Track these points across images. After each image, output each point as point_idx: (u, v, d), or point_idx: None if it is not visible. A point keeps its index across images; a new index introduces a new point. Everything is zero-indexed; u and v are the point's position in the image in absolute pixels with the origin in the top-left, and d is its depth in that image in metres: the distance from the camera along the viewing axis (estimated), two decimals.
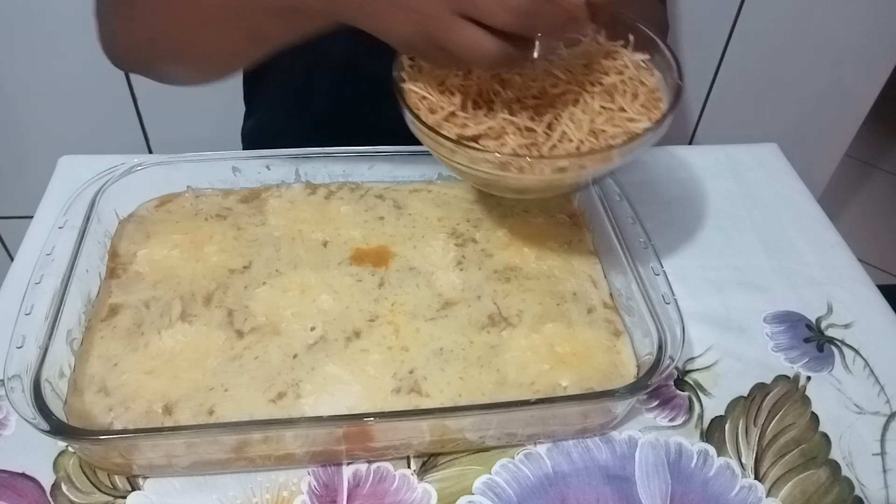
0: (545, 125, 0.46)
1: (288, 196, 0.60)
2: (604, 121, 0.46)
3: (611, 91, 0.47)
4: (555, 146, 0.45)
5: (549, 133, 0.45)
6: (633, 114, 0.46)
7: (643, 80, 0.48)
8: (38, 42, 1.00)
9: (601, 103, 0.46)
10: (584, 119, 0.46)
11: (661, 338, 0.46)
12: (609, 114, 0.46)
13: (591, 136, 0.45)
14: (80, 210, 0.52)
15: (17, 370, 0.42)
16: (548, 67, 0.48)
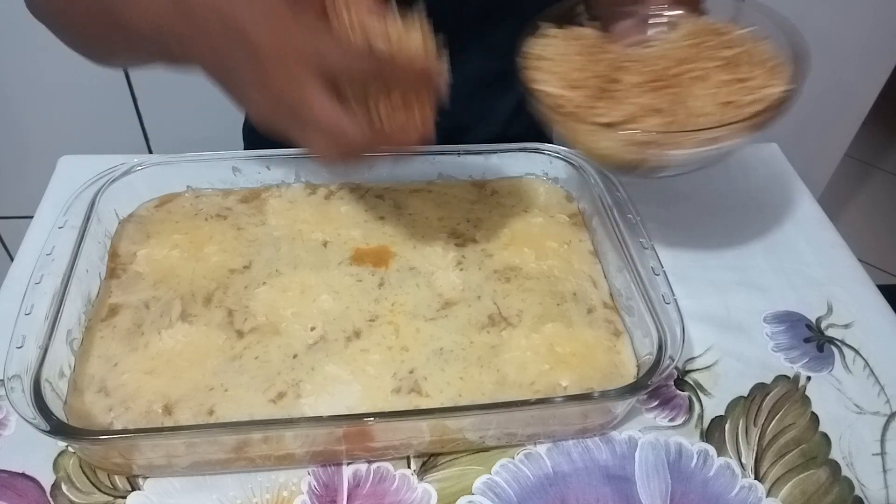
0: (676, 104, 0.46)
1: (288, 196, 0.60)
2: (731, 92, 0.46)
3: (732, 64, 0.47)
4: (686, 123, 0.45)
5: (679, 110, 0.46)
6: (762, 80, 0.46)
7: (759, 49, 0.48)
8: (39, 42, 0.99)
9: (725, 76, 0.46)
10: (710, 93, 0.46)
11: (661, 338, 0.46)
12: (736, 85, 0.46)
13: (723, 107, 0.45)
14: (80, 210, 0.52)
15: (17, 370, 0.42)
16: (660, 52, 0.49)
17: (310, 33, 0.38)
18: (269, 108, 0.39)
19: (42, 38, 1.04)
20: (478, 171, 0.62)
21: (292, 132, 0.39)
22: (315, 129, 0.38)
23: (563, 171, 0.61)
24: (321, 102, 0.38)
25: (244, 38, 0.38)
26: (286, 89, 0.38)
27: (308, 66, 0.37)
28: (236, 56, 0.39)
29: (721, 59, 0.47)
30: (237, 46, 0.38)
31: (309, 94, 0.38)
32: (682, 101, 0.46)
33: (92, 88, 1.04)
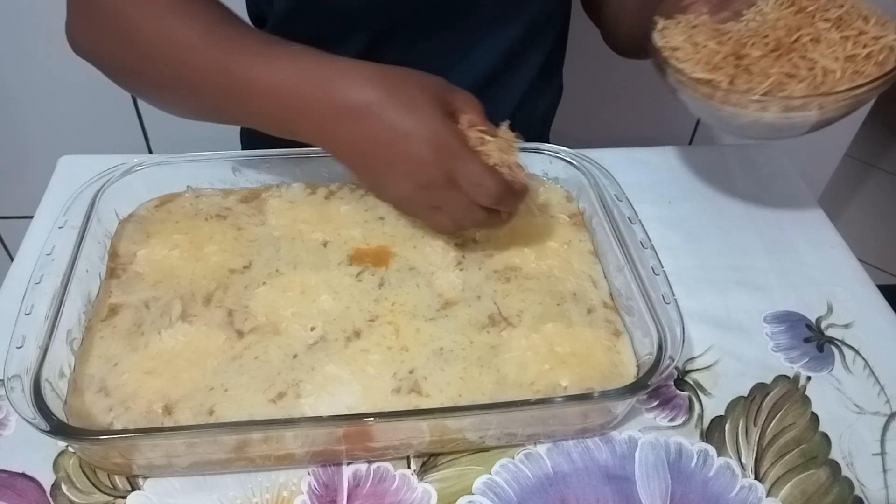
0: (805, 68, 0.50)
1: (288, 196, 0.60)
2: (851, 47, 0.50)
3: (839, 23, 0.51)
4: (822, 82, 0.49)
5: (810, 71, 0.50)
6: (876, 32, 0.50)
7: (858, 4, 0.52)
8: (39, 42, 1.00)
9: (836, 34, 0.50)
10: (831, 52, 0.50)
11: (661, 338, 0.46)
12: (850, 41, 0.50)
13: (848, 62, 0.49)
14: (80, 210, 0.52)
15: (17, 370, 0.42)
16: (766, 24, 0.52)
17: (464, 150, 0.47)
18: (405, 201, 0.51)
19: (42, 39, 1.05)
20: None
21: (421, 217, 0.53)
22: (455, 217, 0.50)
23: (562, 171, 0.61)
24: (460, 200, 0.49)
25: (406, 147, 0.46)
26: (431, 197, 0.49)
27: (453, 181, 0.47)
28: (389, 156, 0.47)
29: (828, 20, 0.51)
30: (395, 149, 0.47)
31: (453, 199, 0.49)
32: (808, 63, 0.50)
33: (92, 88, 1.04)
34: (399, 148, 0.46)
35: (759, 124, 0.52)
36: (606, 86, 1.05)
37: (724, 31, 0.54)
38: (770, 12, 0.53)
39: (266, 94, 0.47)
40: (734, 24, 0.54)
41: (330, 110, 0.47)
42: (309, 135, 0.49)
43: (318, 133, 0.48)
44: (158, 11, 0.49)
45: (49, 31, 0.98)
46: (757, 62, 0.51)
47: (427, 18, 0.62)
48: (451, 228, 0.52)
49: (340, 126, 0.47)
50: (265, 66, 0.47)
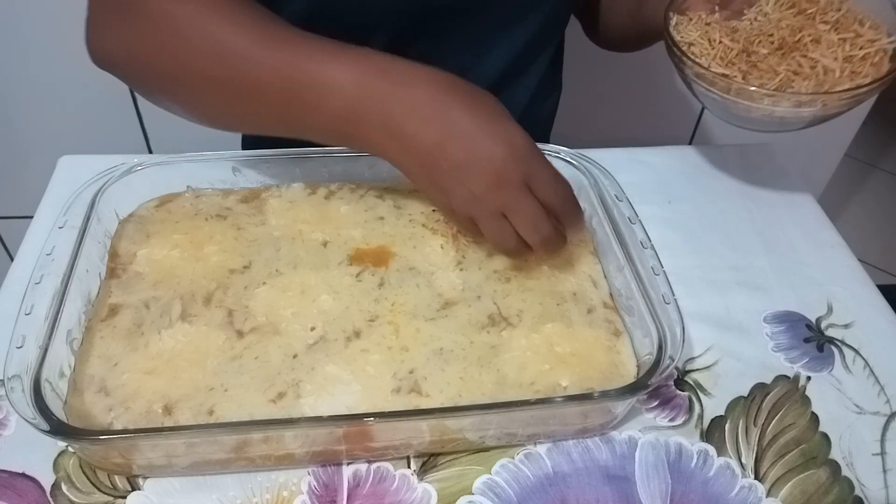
0: (807, 66, 0.53)
1: (288, 196, 0.60)
2: (848, 48, 0.53)
3: (837, 24, 0.55)
4: (824, 80, 0.53)
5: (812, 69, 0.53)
6: (871, 35, 0.54)
7: (853, 8, 0.56)
8: (39, 42, 1.00)
9: (836, 36, 0.54)
10: (831, 52, 0.53)
11: (661, 338, 0.46)
12: (849, 42, 0.53)
13: (847, 62, 0.53)
14: (79, 210, 0.52)
15: (17, 370, 0.42)
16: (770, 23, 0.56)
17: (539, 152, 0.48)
18: (480, 197, 0.48)
19: (42, 38, 1.05)
20: None
21: (482, 225, 0.49)
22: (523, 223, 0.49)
23: (563, 171, 0.61)
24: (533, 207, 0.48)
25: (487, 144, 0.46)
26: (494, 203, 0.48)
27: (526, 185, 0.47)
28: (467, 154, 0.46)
29: (827, 22, 0.55)
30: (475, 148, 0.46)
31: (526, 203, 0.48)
32: (810, 62, 0.53)
33: (92, 88, 1.04)
34: (478, 146, 0.46)
35: (769, 118, 0.55)
36: (606, 86, 1.05)
37: (735, 28, 0.56)
38: (771, 13, 0.56)
39: (332, 91, 0.46)
40: (739, 22, 0.57)
41: (405, 107, 0.46)
42: (375, 134, 0.47)
43: (386, 132, 0.47)
44: (206, 8, 0.48)
45: (49, 30, 0.98)
46: (764, 59, 0.54)
47: (444, 20, 0.62)
48: (515, 241, 0.49)
49: (415, 124, 0.46)
50: (332, 63, 0.46)
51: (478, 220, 0.49)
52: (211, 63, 0.47)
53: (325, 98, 0.46)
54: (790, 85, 0.53)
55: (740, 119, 0.57)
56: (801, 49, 0.54)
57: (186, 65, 0.48)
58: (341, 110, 0.47)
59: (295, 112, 0.48)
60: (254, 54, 0.47)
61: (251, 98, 0.48)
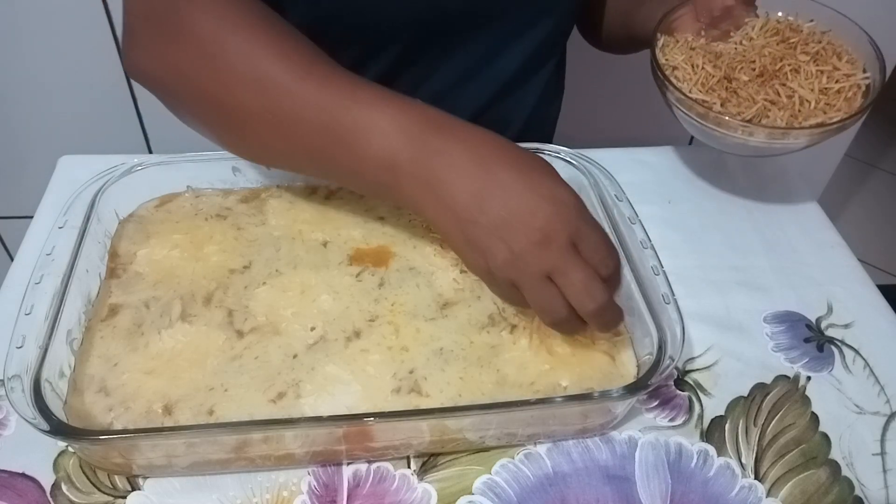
0: (785, 96, 0.55)
1: (288, 196, 0.60)
2: (826, 80, 0.55)
3: (817, 56, 0.56)
4: (799, 111, 0.54)
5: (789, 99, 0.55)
6: (847, 69, 0.56)
7: (834, 41, 0.58)
8: (39, 42, 1.00)
9: (816, 67, 0.56)
10: (808, 83, 0.55)
11: (661, 338, 0.46)
12: (826, 74, 0.55)
13: (822, 94, 0.55)
14: (80, 210, 0.52)
15: (17, 370, 0.42)
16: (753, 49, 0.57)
17: (587, 212, 0.44)
18: (522, 257, 0.43)
19: (42, 38, 1.05)
20: None
21: (535, 287, 0.43)
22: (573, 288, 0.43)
23: (563, 171, 0.61)
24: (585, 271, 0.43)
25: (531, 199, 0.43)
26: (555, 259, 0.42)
27: (574, 247, 0.43)
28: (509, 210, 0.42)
29: (807, 53, 0.56)
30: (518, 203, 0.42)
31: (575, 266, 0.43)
32: (788, 91, 0.55)
33: (92, 89, 1.04)
34: (520, 201, 0.42)
35: (745, 146, 0.56)
36: (606, 86, 1.05)
37: (719, 54, 0.58)
38: (756, 38, 0.58)
39: (374, 136, 0.44)
40: (724, 44, 0.59)
41: (447, 158, 0.43)
42: (412, 185, 0.44)
43: (423, 184, 0.44)
44: (254, 39, 0.46)
45: (49, 31, 0.98)
46: (745, 86, 0.55)
47: (457, 27, 0.62)
48: (565, 310, 0.43)
49: (454, 176, 0.43)
50: (377, 108, 0.44)
51: (521, 285, 0.43)
52: (253, 94, 0.46)
53: (365, 142, 0.44)
54: (766, 115, 0.54)
55: (719, 144, 0.58)
56: (780, 77, 0.55)
57: (229, 93, 0.46)
58: (381, 157, 0.44)
59: (333, 153, 0.46)
60: (298, 89, 0.45)
61: (289, 134, 0.46)
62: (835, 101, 0.54)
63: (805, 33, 0.58)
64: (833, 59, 0.56)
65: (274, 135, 0.47)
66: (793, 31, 0.58)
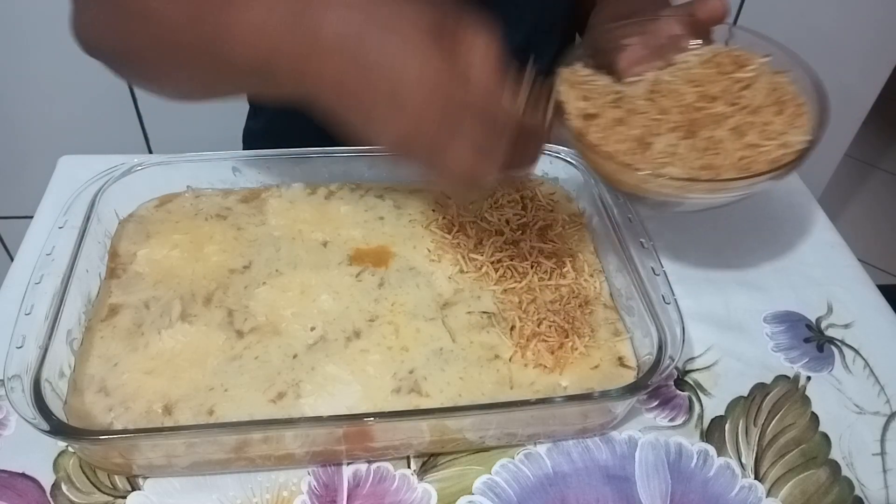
0: (703, 144, 0.47)
1: (288, 196, 0.60)
2: (756, 134, 0.47)
3: (755, 105, 0.48)
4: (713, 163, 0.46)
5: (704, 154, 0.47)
6: (782, 126, 0.47)
7: (780, 84, 0.49)
8: (38, 42, 1.00)
9: (748, 118, 0.48)
10: (735, 138, 0.47)
11: (661, 338, 0.46)
12: (759, 127, 0.47)
13: (748, 149, 0.46)
14: (80, 210, 0.52)
15: (17, 370, 0.42)
16: (682, 80, 0.50)
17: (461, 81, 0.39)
18: (404, 140, 0.39)
19: (42, 38, 1.05)
20: None
21: (424, 160, 0.40)
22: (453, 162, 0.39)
23: (563, 171, 0.61)
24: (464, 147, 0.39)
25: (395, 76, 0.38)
26: (434, 130, 0.39)
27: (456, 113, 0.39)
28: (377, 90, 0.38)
29: (743, 98, 0.49)
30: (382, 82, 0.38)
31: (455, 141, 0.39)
32: (708, 144, 0.47)
33: (92, 89, 1.05)
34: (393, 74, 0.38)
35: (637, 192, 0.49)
36: None
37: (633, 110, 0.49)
38: (696, 67, 0.51)
39: (241, 38, 0.41)
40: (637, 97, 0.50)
41: (307, 41, 0.39)
42: (288, 77, 0.41)
43: (298, 73, 0.40)
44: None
45: (49, 30, 0.98)
46: (658, 125, 0.48)
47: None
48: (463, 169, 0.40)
49: (321, 58, 0.39)
50: (239, 8, 0.41)
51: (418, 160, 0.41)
52: (152, 27, 0.44)
53: (235, 45, 0.41)
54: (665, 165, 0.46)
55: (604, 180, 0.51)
56: (706, 124, 0.48)
57: (136, 36, 0.46)
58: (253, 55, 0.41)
59: (217, 64, 0.43)
60: (172, 14, 0.43)
61: (182, 58, 0.45)
62: (759, 159, 0.46)
63: (753, 69, 0.50)
64: (772, 109, 0.48)
65: (171, 63, 0.46)
66: (737, 66, 0.50)
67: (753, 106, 0.48)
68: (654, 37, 0.53)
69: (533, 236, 0.56)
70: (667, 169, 0.46)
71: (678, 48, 0.52)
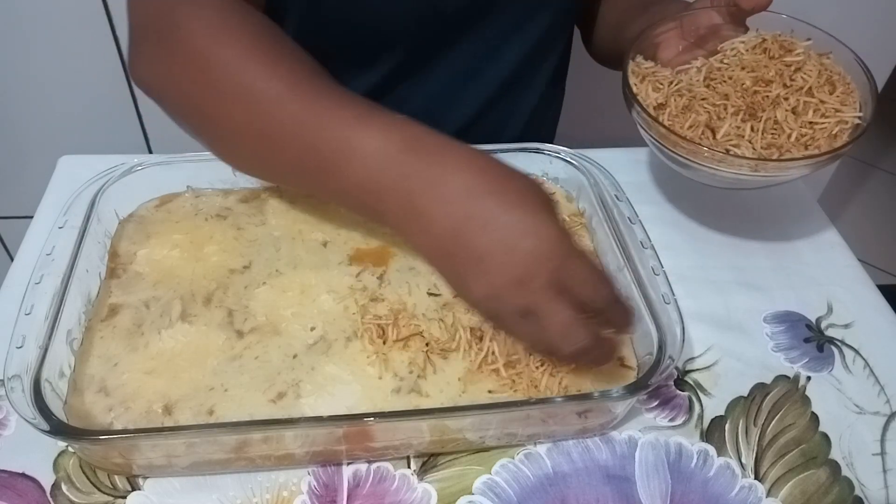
0: (765, 126, 0.51)
1: (288, 196, 0.60)
2: (812, 114, 0.51)
3: (808, 85, 0.52)
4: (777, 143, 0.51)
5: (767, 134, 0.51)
6: (836, 104, 0.52)
7: (827, 65, 0.54)
8: (39, 42, 1.00)
9: (804, 98, 0.52)
10: (794, 116, 0.51)
11: (661, 338, 0.46)
12: (814, 105, 0.51)
13: (808, 127, 0.51)
14: (80, 210, 0.52)
15: (17, 370, 0.42)
16: (739, 71, 0.54)
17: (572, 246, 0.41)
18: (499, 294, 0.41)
19: (42, 39, 1.05)
20: None
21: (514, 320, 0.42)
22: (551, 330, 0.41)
23: (563, 171, 0.61)
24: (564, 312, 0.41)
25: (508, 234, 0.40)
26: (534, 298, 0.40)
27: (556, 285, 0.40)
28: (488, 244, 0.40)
29: (794, 81, 0.53)
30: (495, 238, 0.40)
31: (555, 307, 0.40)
32: (769, 125, 0.51)
33: (92, 88, 1.04)
34: (501, 235, 0.40)
35: (717, 177, 0.53)
36: (607, 86, 1.05)
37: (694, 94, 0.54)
38: (745, 54, 0.55)
39: (355, 158, 0.42)
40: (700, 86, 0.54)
41: (428, 184, 0.41)
42: (394, 210, 0.43)
43: (405, 210, 0.42)
44: (245, 54, 0.45)
45: (49, 31, 0.98)
46: (724, 108, 0.52)
47: (453, 24, 0.62)
48: (545, 344, 0.42)
49: (436, 204, 0.41)
50: (360, 128, 0.43)
51: (501, 321, 0.43)
52: (239, 108, 0.45)
53: (347, 165, 0.43)
54: (739, 145, 0.51)
55: (691, 173, 0.55)
56: (765, 105, 0.52)
57: (217, 106, 0.46)
58: (362, 180, 0.43)
59: (316, 173, 0.45)
60: (282, 105, 0.44)
61: (273, 150, 0.46)
62: (819, 136, 0.51)
63: (800, 53, 0.53)
64: (825, 88, 0.52)
65: (259, 149, 0.47)
66: (784, 50, 0.54)
67: (807, 87, 0.52)
68: (693, 27, 0.56)
69: None
70: (739, 149, 0.50)
71: (719, 37, 0.56)
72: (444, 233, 0.41)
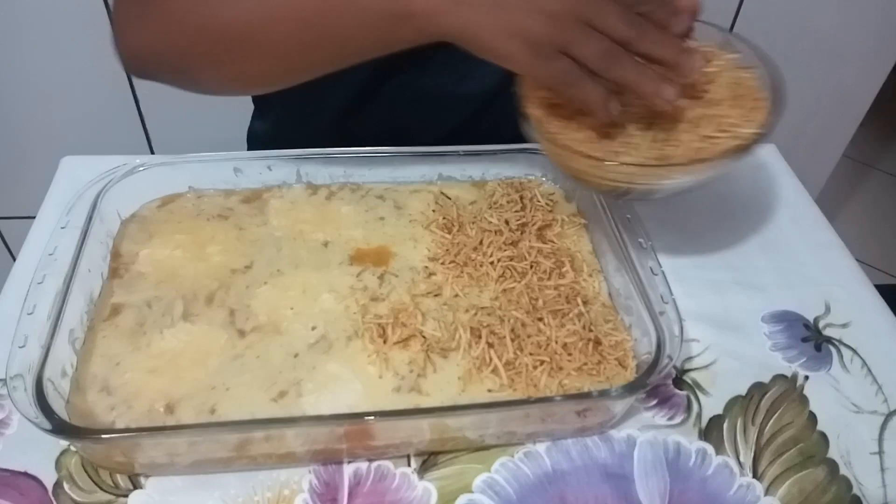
0: (661, 136, 0.48)
1: (289, 197, 0.60)
2: (712, 126, 0.48)
3: (715, 99, 0.50)
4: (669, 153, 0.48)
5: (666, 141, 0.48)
6: (738, 120, 0.48)
7: (743, 80, 0.51)
8: (41, 43, 1.00)
9: (707, 111, 0.49)
10: (690, 128, 0.49)
11: (660, 337, 0.46)
12: (716, 119, 0.49)
13: (704, 140, 0.48)
14: (82, 210, 0.53)
15: (19, 369, 0.42)
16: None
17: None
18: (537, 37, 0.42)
19: (44, 39, 1.05)
20: (478, 172, 0.63)
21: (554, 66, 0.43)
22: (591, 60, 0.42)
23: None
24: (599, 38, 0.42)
25: None
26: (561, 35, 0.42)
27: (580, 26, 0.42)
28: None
29: (706, 92, 0.50)
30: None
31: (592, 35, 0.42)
32: (666, 135, 0.48)
33: (94, 89, 1.05)
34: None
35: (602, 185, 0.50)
36: None
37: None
38: None
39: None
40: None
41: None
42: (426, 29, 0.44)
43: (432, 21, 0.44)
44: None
45: (51, 32, 0.98)
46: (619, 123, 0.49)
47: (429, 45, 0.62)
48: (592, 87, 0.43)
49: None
50: None
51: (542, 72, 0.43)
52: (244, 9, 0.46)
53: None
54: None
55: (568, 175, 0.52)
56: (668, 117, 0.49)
57: (216, 20, 0.46)
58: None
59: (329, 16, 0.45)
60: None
61: (280, 22, 0.46)
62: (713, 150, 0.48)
63: (712, 63, 0.51)
64: (729, 102, 0.49)
65: (267, 32, 0.47)
66: (705, 61, 0.50)
67: (713, 100, 0.50)
68: None
69: (532, 236, 0.57)
70: (619, 157, 0.47)
71: None
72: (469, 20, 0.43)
